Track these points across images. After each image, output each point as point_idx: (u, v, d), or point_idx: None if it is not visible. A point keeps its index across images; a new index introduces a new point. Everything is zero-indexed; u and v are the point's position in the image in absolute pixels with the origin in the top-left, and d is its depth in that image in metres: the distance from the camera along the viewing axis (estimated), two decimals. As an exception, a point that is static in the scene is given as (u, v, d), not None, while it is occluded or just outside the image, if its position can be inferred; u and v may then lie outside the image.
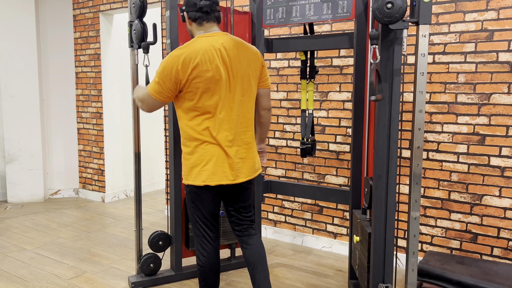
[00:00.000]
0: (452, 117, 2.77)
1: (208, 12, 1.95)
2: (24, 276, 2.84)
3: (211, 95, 1.90)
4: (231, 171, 1.96)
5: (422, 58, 1.83)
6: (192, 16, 1.96)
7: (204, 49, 1.87)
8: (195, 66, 1.85)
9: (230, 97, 1.94)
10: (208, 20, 1.96)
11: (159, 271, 2.80)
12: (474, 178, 2.73)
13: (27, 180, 4.79)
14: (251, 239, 2.12)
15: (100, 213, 4.38)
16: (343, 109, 3.20)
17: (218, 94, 1.91)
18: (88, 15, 4.74)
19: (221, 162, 1.94)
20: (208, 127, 1.92)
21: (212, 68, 1.87)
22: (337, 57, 3.19)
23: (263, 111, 2.18)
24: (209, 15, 1.96)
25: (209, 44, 1.89)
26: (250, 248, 2.10)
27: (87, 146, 4.93)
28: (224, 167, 1.95)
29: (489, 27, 2.61)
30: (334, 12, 2.50)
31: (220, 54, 1.90)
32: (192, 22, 1.98)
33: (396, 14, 1.80)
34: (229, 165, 1.96)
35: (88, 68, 4.81)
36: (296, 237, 3.50)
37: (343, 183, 3.26)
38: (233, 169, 1.97)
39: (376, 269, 2.07)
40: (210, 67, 1.87)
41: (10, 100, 4.66)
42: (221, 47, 1.91)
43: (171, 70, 1.87)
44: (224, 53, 1.91)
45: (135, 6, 2.49)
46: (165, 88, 1.90)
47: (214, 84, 1.89)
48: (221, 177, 1.95)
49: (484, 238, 2.73)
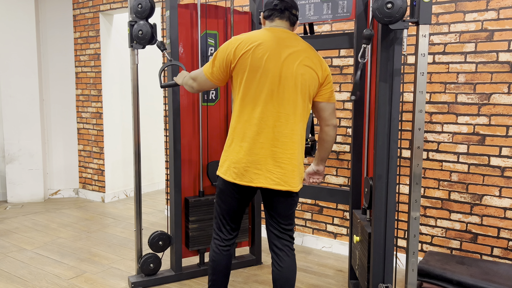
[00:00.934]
0: (452, 117, 2.77)
1: (282, 10, 1.91)
2: (24, 276, 2.84)
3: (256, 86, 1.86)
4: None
5: (422, 58, 1.83)
6: (266, 14, 1.94)
7: (269, 39, 1.83)
8: (246, 50, 1.82)
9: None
10: (281, 18, 1.92)
11: (159, 271, 2.80)
12: (474, 178, 2.73)
13: (27, 180, 4.79)
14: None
15: (100, 213, 4.38)
16: (343, 109, 3.20)
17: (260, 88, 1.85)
18: (88, 15, 4.74)
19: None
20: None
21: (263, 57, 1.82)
22: (337, 57, 3.19)
23: (327, 127, 1.99)
24: (283, 13, 1.91)
25: (277, 36, 1.85)
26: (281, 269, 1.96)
27: (87, 146, 4.93)
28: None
29: (489, 27, 2.61)
30: (334, 12, 2.50)
31: (283, 48, 1.83)
32: (266, 20, 1.95)
33: (396, 14, 1.80)
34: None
35: (88, 68, 4.81)
36: (296, 237, 3.50)
37: (343, 183, 3.26)
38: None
39: (376, 269, 2.07)
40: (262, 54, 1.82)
41: (10, 100, 4.66)
42: (287, 42, 1.85)
43: (225, 51, 1.86)
44: (288, 50, 1.84)
45: (142, 7, 2.48)
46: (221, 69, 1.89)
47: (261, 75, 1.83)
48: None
49: (484, 238, 2.73)
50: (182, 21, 2.67)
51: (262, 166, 1.83)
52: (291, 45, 1.84)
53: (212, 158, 2.87)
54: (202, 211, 2.78)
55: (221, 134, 2.89)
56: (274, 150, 1.83)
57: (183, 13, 2.67)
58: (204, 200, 2.78)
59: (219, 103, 2.87)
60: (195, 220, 2.76)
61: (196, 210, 2.76)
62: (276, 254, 1.95)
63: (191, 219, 2.75)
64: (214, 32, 2.80)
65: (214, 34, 2.80)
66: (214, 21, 2.79)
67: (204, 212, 2.78)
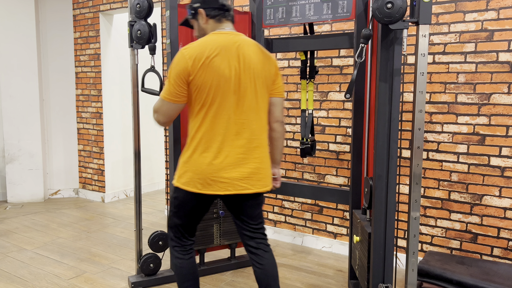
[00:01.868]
0: (452, 117, 2.77)
1: (228, 10, 1.88)
2: (24, 276, 2.84)
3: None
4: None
5: (422, 58, 1.83)
6: (212, 13, 1.87)
7: (223, 45, 1.79)
8: (208, 61, 1.77)
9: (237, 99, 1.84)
10: (227, 18, 1.89)
11: (159, 271, 2.80)
12: (474, 178, 2.73)
13: (27, 180, 4.79)
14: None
15: (100, 213, 4.38)
16: (343, 109, 3.20)
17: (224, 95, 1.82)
18: (88, 15, 4.74)
19: None
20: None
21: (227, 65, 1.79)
22: (337, 57, 3.19)
23: (276, 124, 1.98)
24: (229, 13, 1.89)
25: (228, 41, 1.81)
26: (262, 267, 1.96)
27: (87, 146, 4.93)
28: None
29: (489, 27, 2.61)
30: (334, 12, 2.50)
31: (237, 52, 1.81)
32: (210, 19, 1.89)
33: (396, 14, 1.80)
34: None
35: (88, 68, 4.81)
36: (296, 237, 3.50)
37: (343, 183, 3.26)
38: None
39: (376, 269, 2.07)
40: (225, 63, 1.78)
41: (10, 100, 4.66)
42: (239, 45, 1.83)
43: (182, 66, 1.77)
44: (241, 52, 1.82)
45: (141, 7, 2.48)
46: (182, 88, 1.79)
47: (224, 83, 1.80)
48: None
49: (484, 238, 2.73)
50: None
51: (229, 173, 1.82)
52: (244, 48, 1.83)
53: (212, 158, 2.87)
54: (202, 211, 2.78)
55: (221, 134, 2.89)
56: (239, 157, 1.82)
57: (183, 13, 2.67)
58: (204, 200, 2.78)
59: (219, 103, 2.87)
60: (195, 220, 2.76)
61: (196, 210, 2.75)
62: (254, 253, 1.95)
63: (191, 219, 2.75)
64: (214, 32, 2.79)
65: (214, 34, 2.79)
66: (214, 21, 2.78)
67: (204, 212, 2.78)
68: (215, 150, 1.81)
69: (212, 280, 2.80)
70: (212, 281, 2.80)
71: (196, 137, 1.83)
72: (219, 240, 2.87)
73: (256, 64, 1.84)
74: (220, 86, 1.79)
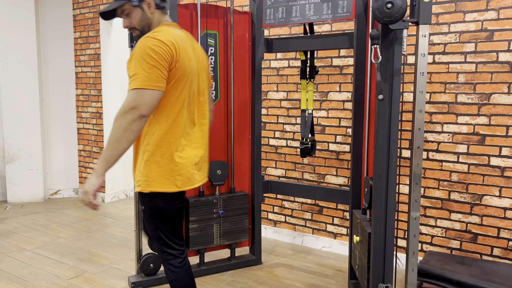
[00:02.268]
0: (452, 117, 2.77)
1: (166, 2, 1.87)
2: (24, 276, 2.84)
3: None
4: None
5: (422, 58, 1.83)
6: (158, 2, 1.80)
7: (182, 38, 1.75)
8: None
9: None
10: (167, 11, 1.88)
11: (159, 271, 2.79)
12: (474, 178, 2.73)
13: (27, 180, 4.79)
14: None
15: (100, 213, 4.38)
16: (343, 109, 3.20)
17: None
18: (88, 15, 4.74)
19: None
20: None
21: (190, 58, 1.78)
22: (337, 57, 3.19)
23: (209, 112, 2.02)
24: (167, 4, 1.88)
25: (183, 34, 1.79)
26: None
27: (87, 146, 4.93)
28: None
29: (489, 27, 2.61)
30: (334, 12, 2.50)
31: (192, 45, 1.82)
32: (156, 9, 1.80)
33: (396, 14, 1.80)
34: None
35: (88, 68, 4.81)
36: (296, 237, 3.50)
37: (343, 183, 3.26)
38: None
39: (376, 269, 2.07)
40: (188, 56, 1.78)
41: (10, 100, 4.66)
42: (190, 39, 1.84)
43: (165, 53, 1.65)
44: (194, 46, 1.85)
45: None
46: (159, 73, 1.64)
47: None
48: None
49: (484, 238, 2.73)
50: (182, 21, 2.67)
51: (199, 165, 1.88)
52: (193, 42, 1.87)
53: (212, 158, 2.87)
54: (202, 211, 2.78)
55: (221, 134, 2.89)
56: (205, 148, 1.91)
57: (183, 13, 2.67)
58: (204, 200, 2.78)
59: (219, 103, 2.87)
60: (195, 220, 2.76)
61: (196, 210, 2.76)
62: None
63: (191, 219, 2.75)
64: (214, 32, 2.79)
65: (214, 34, 2.80)
66: (214, 21, 2.78)
67: (204, 212, 2.78)
68: (191, 144, 1.83)
69: (212, 280, 2.80)
70: (212, 281, 2.80)
71: (173, 132, 1.74)
72: (219, 240, 2.87)
73: (203, 58, 1.90)
74: (189, 79, 1.75)
